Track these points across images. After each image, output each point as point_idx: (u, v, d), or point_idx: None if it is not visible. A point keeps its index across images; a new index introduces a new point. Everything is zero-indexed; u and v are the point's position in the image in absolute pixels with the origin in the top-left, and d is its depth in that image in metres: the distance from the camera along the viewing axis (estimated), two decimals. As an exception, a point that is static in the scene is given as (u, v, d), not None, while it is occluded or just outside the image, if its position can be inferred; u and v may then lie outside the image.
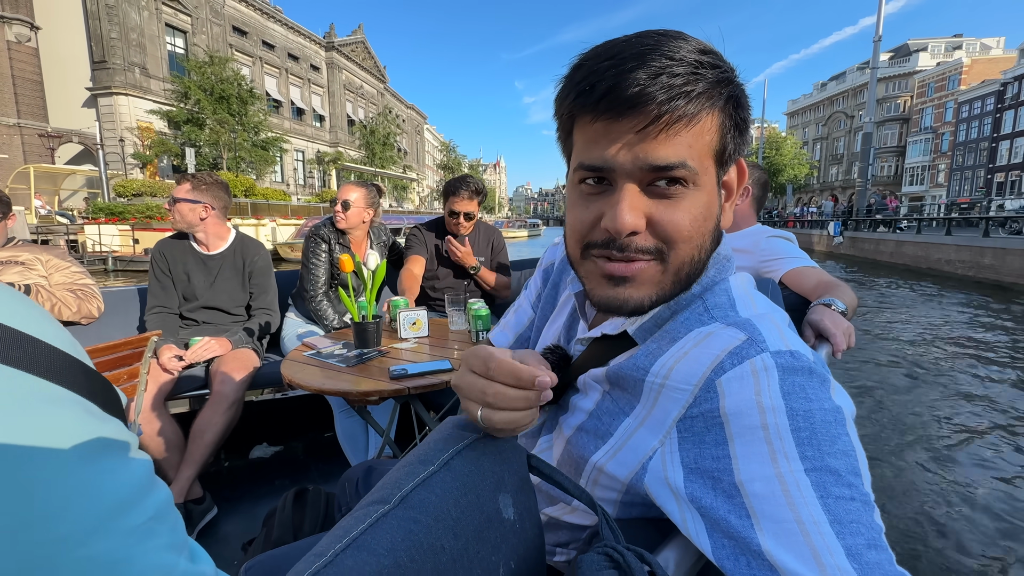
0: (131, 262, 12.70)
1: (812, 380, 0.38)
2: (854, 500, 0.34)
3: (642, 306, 0.45)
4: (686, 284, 0.46)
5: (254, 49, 25.70)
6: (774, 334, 0.41)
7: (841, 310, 1.00)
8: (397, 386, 1.15)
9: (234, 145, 20.19)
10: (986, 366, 4.35)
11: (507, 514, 0.40)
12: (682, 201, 0.42)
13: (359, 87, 35.67)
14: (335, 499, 0.96)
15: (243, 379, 1.65)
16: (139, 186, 17.56)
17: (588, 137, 0.43)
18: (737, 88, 0.42)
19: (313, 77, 30.56)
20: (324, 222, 2.02)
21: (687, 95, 0.39)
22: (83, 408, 0.28)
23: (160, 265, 1.82)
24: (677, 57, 0.39)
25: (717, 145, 0.42)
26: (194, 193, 1.76)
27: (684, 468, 0.40)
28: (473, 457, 0.40)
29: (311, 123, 30.51)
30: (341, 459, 1.76)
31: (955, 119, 37.99)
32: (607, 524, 0.40)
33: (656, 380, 0.44)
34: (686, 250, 0.44)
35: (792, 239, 1.32)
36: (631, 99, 0.39)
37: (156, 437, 1.52)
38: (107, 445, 0.28)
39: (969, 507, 2.19)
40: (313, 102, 30.62)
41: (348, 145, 33.04)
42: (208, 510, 1.59)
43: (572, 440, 0.51)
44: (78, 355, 0.31)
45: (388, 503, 0.36)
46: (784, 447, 0.35)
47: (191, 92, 19.02)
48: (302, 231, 14.56)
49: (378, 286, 1.54)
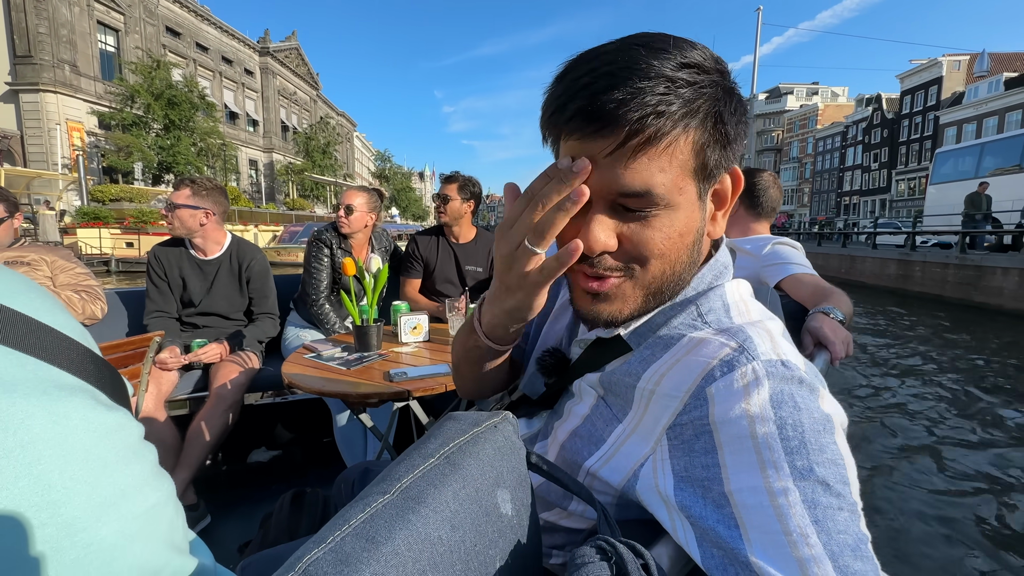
0: (135, 264, 13.03)
1: (802, 389, 0.39)
2: (842, 510, 0.35)
3: (616, 319, 0.47)
4: (663, 298, 0.47)
5: (188, 51, 25.51)
6: (766, 342, 0.42)
7: (839, 319, 1.02)
8: (397, 389, 1.17)
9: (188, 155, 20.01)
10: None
11: (505, 509, 0.41)
12: (654, 220, 0.43)
13: (293, 93, 36.11)
14: (332, 501, 0.97)
15: (242, 382, 1.68)
16: (117, 191, 17.75)
17: (564, 154, 0.44)
18: (719, 102, 0.42)
19: (247, 81, 30.80)
20: (326, 227, 2.07)
21: (658, 115, 0.39)
22: (92, 396, 0.30)
23: (156, 270, 1.86)
24: (652, 75, 0.39)
25: (695, 163, 0.42)
26: (194, 199, 1.79)
27: (675, 476, 0.41)
28: (473, 451, 0.41)
29: (245, 128, 30.68)
30: (339, 464, 1.79)
31: (814, 152, 50.89)
32: (605, 519, 0.42)
33: (647, 387, 0.46)
34: (657, 267, 0.45)
35: (799, 247, 1.33)
36: (599, 122, 0.40)
37: (153, 439, 1.54)
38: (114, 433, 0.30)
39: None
40: (247, 107, 30.82)
41: (283, 151, 33.25)
42: (202, 517, 1.61)
43: (566, 445, 0.53)
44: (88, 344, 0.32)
45: (388, 493, 0.37)
46: (773, 457, 0.36)
47: (139, 95, 18.75)
48: (282, 238, 15.03)
49: (380, 290, 1.58)
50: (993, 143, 12.91)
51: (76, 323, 0.33)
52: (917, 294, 9.75)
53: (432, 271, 2.20)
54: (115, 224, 14.90)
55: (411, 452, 0.42)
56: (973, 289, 8.74)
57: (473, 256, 2.22)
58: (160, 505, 0.32)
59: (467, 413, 0.47)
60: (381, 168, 53.21)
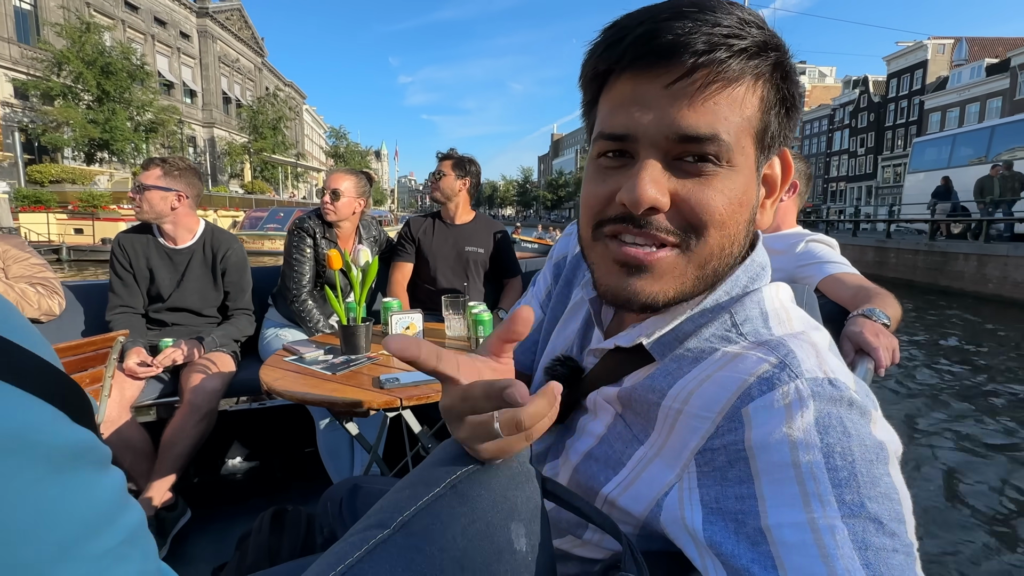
0: (90, 252, 12.47)
1: (852, 412, 0.36)
2: (896, 552, 0.31)
3: (656, 302, 0.42)
4: (710, 282, 0.43)
5: (115, 10, 23.07)
6: (811, 358, 0.39)
7: (884, 322, 0.95)
8: (388, 397, 1.11)
9: (125, 131, 18.58)
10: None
11: (519, 545, 0.37)
12: (714, 180, 0.39)
13: (235, 60, 33.16)
14: (316, 520, 0.92)
15: (217, 388, 1.60)
16: (58, 172, 16.83)
17: (613, 101, 0.41)
18: (786, 55, 0.40)
19: (183, 46, 27.95)
20: (309, 214, 1.97)
21: (728, 47, 0.37)
22: (52, 417, 0.26)
23: (121, 260, 1.75)
24: (723, 11, 0.37)
25: (759, 123, 0.40)
26: (166, 180, 1.70)
27: (703, 507, 0.38)
28: (484, 480, 0.38)
29: (181, 99, 27.37)
30: (323, 477, 1.71)
31: (801, 135, 47.66)
32: (632, 556, 0.38)
33: (674, 405, 0.42)
34: (716, 238, 0.40)
35: (834, 244, 1.28)
36: (664, 47, 0.37)
37: (121, 445, 1.47)
38: (78, 460, 0.26)
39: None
40: (184, 75, 27.81)
41: (226, 126, 31.02)
42: (182, 515, 1.56)
43: (580, 468, 0.49)
44: (47, 356, 0.28)
45: (387, 528, 0.34)
46: (819, 489, 0.33)
47: (68, 63, 17.00)
48: (243, 224, 14.69)
49: (369, 286, 1.49)
50: (964, 134, 13.19)
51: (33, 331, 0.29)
52: (892, 279, 10.40)
53: (429, 256, 2.12)
54: (58, 208, 14.23)
55: (413, 480, 0.39)
56: (939, 274, 9.82)
57: (474, 237, 2.15)
58: (131, 539, 0.28)
59: None
60: (336, 146, 49.57)
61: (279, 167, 31.50)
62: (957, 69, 31.45)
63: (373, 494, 0.81)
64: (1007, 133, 11.72)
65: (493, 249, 2.18)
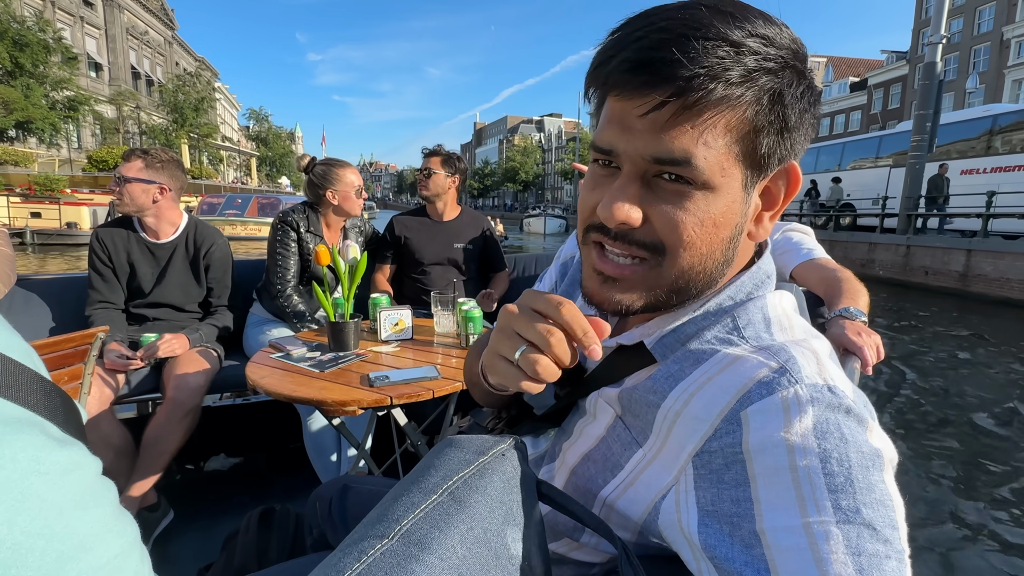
0: (56, 236, 12.22)
1: (849, 419, 0.37)
2: (889, 558, 0.33)
3: (629, 309, 0.45)
4: (691, 294, 0.46)
5: None
6: (811, 364, 0.40)
7: (862, 319, 0.97)
8: (378, 395, 1.13)
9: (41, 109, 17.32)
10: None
11: (515, 550, 0.39)
12: (687, 201, 0.41)
13: (144, 32, 30.93)
14: (305, 520, 0.94)
15: (201, 384, 1.61)
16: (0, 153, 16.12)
17: (606, 115, 0.43)
18: (781, 82, 0.40)
19: (87, 15, 25.89)
20: (295, 206, 1.97)
21: (711, 78, 0.37)
22: (41, 430, 0.27)
23: (100, 254, 1.74)
24: (712, 36, 0.37)
25: (744, 146, 0.41)
26: (148, 172, 1.69)
27: (699, 510, 0.39)
28: (480, 486, 0.39)
29: (85, 72, 25.14)
30: (309, 474, 1.73)
31: None
32: (627, 559, 0.39)
33: (674, 407, 0.43)
34: (685, 258, 0.42)
35: (808, 232, 1.32)
36: (645, 76, 0.38)
37: (101, 444, 1.47)
38: (69, 474, 0.27)
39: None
40: (88, 46, 25.54)
41: (135, 102, 27.99)
42: (164, 515, 1.57)
43: (577, 470, 0.50)
44: (34, 366, 0.29)
45: (386, 538, 0.35)
46: (815, 494, 0.34)
47: None
48: (200, 210, 14.36)
49: (357, 281, 1.51)
50: (853, 143, 16.14)
51: (18, 338, 0.30)
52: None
53: (418, 253, 2.15)
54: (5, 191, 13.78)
55: (409, 486, 0.40)
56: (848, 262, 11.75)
57: (462, 233, 2.19)
58: (123, 555, 0.29)
59: (469, 438, 0.44)
60: (256, 130, 46.83)
61: (206, 151, 30.16)
62: (828, 87, 35.93)
63: (363, 495, 0.83)
64: (853, 148, 15.70)
65: (482, 244, 2.23)
